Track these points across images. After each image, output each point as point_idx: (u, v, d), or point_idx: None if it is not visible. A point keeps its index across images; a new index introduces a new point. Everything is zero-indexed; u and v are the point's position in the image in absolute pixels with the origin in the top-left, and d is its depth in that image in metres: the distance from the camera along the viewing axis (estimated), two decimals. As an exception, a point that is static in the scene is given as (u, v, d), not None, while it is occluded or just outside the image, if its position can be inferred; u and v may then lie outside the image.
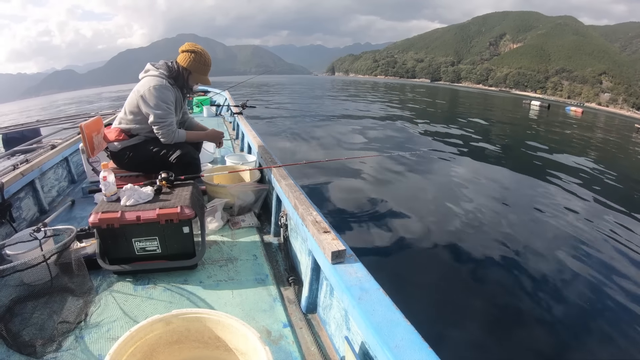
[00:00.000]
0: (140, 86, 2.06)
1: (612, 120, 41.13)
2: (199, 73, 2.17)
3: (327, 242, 1.29)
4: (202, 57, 2.14)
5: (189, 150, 2.19)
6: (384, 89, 44.74)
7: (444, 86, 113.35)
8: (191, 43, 2.20)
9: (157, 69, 2.10)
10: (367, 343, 1.01)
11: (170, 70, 2.12)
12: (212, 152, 3.68)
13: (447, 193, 5.79)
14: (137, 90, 2.06)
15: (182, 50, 2.16)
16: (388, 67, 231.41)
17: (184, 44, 2.19)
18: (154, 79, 2.05)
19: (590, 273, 3.72)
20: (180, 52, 2.17)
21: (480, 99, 47.64)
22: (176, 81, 2.16)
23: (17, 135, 4.12)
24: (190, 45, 2.18)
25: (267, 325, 1.42)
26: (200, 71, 2.16)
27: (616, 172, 9.32)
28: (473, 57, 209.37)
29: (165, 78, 2.08)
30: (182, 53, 2.15)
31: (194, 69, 2.14)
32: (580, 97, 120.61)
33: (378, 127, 12.20)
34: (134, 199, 1.68)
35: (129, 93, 2.18)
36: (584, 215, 5.47)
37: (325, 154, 7.79)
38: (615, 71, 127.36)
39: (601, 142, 16.74)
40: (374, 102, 23.01)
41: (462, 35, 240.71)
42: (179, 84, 2.19)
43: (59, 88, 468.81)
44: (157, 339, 1.02)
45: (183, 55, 2.13)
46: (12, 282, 1.49)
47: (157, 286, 1.63)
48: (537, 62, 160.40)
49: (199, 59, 2.13)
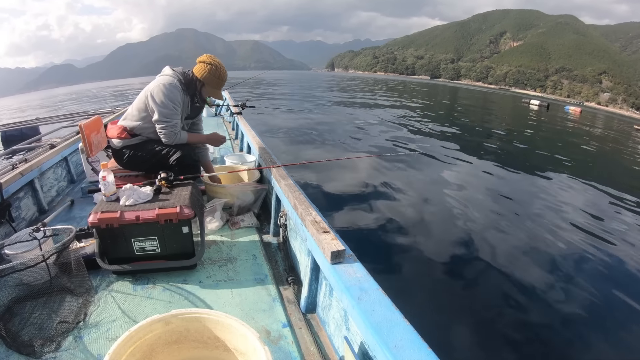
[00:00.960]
0: (152, 84, 2.07)
1: (611, 120, 41.17)
2: (212, 86, 2.14)
3: (327, 242, 1.29)
4: (218, 70, 2.11)
5: (189, 152, 2.19)
6: (383, 86, 44.63)
7: (444, 83, 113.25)
8: (210, 55, 2.16)
9: (173, 71, 2.10)
10: (367, 343, 1.01)
11: (185, 77, 2.11)
12: (211, 152, 3.68)
13: (446, 193, 5.79)
14: (149, 87, 2.06)
15: (200, 61, 2.13)
16: (388, 63, 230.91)
17: (202, 55, 2.15)
18: (166, 77, 2.05)
19: (589, 273, 3.73)
20: (198, 62, 2.14)
21: (480, 96, 47.60)
22: (188, 88, 2.13)
23: (16, 133, 4.13)
24: (209, 57, 2.14)
25: (266, 325, 1.42)
26: (213, 85, 2.14)
27: (614, 171, 9.33)
28: (473, 54, 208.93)
29: (178, 81, 2.07)
30: (199, 64, 2.12)
31: (207, 81, 2.11)
32: (580, 97, 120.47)
33: (378, 127, 12.19)
34: (133, 198, 1.68)
35: (125, 88, 2.16)
36: (582, 213, 5.48)
37: (324, 154, 7.78)
38: (615, 71, 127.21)
39: (599, 141, 16.75)
40: (373, 101, 22.98)
41: (463, 33, 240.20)
42: (190, 92, 2.16)
43: (58, 82, 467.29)
44: (157, 339, 1.02)
45: (199, 66, 2.11)
46: (11, 282, 1.49)
47: (157, 286, 1.63)
48: (537, 60, 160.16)
49: (214, 72, 2.10)
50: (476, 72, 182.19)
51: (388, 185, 5.93)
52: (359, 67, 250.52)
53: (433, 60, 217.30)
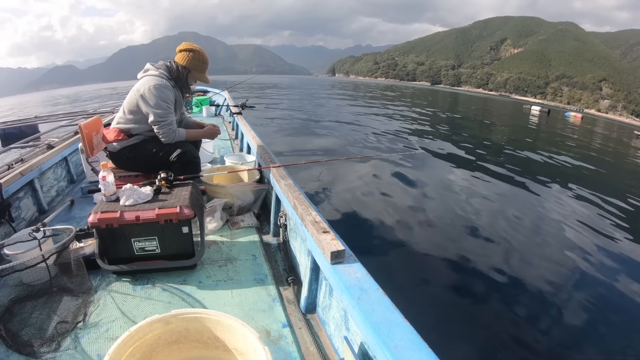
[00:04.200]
0: (140, 85, 2.06)
1: (612, 126, 41.26)
2: (197, 71, 2.20)
3: (327, 242, 1.29)
4: (200, 55, 2.17)
5: (189, 149, 2.20)
6: (384, 91, 44.85)
7: (444, 90, 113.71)
8: (188, 42, 2.25)
9: (157, 69, 2.12)
10: (366, 343, 1.01)
11: (170, 71, 2.14)
12: (211, 152, 3.69)
13: (446, 195, 5.79)
14: (137, 89, 2.06)
15: (180, 49, 2.19)
16: (389, 69, 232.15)
17: (181, 44, 2.23)
18: (154, 78, 2.06)
19: (590, 276, 3.72)
20: (178, 51, 2.20)
21: (480, 103, 47.75)
22: (177, 82, 2.19)
23: (14, 131, 4.13)
24: (188, 44, 2.22)
25: (266, 326, 1.42)
26: (198, 69, 2.20)
27: (615, 175, 9.32)
28: (473, 61, 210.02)
29: (166, 78, 2.09)
30: (179, 52, 2.18)
31: (192, 67, 2.17)
32: (580, 104, 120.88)
33: (378, 128, 12.22)
34: (133, 199, 1.68)
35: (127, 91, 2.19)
36: (582, 218, 5.47)
37: (324, 154, 7.79)
38: (615, 78, 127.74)
39: (601, 147, 16.77)
40: (373, 105, 23.07)
41: (463, 39, 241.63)
42: (179, 85, 2.22)
43: (60, 83, 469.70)
44: (156, 339, 1.02)
45: (181, 55, 2.16)
46: (11, 282, 1.49)
47: (156, 286, 1.62)
48: (537, 67, 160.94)
49: (197, 57, 2.16)
50: (477, 78, 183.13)
51: (388, 185, 5.93)
52: (360, 72, 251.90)
53: (434, 66, 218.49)
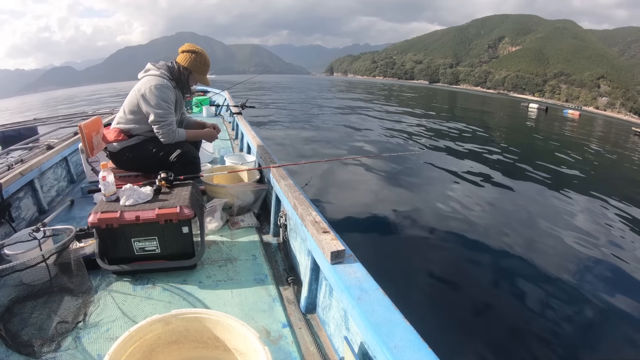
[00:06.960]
0: (140, 85, 2.06)
1: (609, 123, 41.34)
2: (198, 73, 2.21)
3: (327, 242, 1.29)
4: (202, 57, 2.18)
5: (189, 149, 2.20)
6: (383, 90, 44.82)
7: (442, 88, 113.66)
8: (190, 44, 2.25)
9: (158, 69, 2.12)
10: (366, 343, 1.01)
11: (171, 72, 2.14)
12: (211, 152, 3.69)
13: (446, 193, 5.80)
14: (138, 89, 2.06)
15: (182, 50, 2.19)
16: (387, 68, 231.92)
17: (183, 45, 2.23)
18: (155, 78, 2.06)
19: (590, 276, 3.74)
20: (180, 52, 2.20)
21: (479, 101, 47.76)
22: (177, 83, 2.19)
23: (13, 134, 4.11)
24: (190, 45, 2.22)
25: (266, 326, 1.42)
26: (200, 71, 2.20)
27: (615, 173, 9.35)
28: (472, 59, 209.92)
29: (167, 78, 2.09)
30: (182, 53, 2.18)
31: (194, 68, 2.17)
32: (578, 101, 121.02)
33: (378, 128, 12.22)
34: (133, 199, 1.68)
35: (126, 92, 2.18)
36: (582, 216, 5.49)
37: (324, 154, 7.79)
38: (613, 75, 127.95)
39: (598, 144, 16.81)
40: (372, 104, 23.05)
41: (461, 38, 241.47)
42: (180, 86, 2.23)
43: (57, 84, 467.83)
44: (156, 339, 1.02)
45: (183, 56, 2.17)
46: (11, 282, 1.48)
47: (156, 286, 1.62)
48: (535, 65, 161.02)
49: (199, 59, 2.17)
50: (475, 76, 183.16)
51: (388, 185, 5.93)
52: (358, 71, 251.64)
53: (432, 65, 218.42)
